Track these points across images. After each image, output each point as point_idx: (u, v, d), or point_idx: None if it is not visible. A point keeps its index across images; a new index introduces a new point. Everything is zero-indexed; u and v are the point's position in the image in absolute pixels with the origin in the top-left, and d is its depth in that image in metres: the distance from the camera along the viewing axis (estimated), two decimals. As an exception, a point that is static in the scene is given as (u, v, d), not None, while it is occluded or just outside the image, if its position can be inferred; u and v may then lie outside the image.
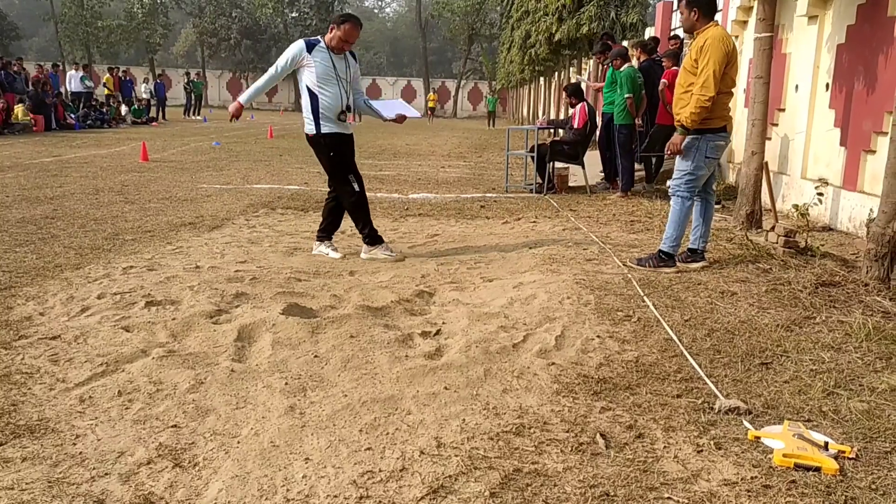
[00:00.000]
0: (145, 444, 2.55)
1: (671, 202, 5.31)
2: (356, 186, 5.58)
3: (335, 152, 5.48)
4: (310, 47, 5.31)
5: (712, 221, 5.48)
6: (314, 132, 5.41)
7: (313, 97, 5.33)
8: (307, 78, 5.32)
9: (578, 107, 9.84)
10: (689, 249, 5.37)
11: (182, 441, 2.59)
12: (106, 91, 26.35)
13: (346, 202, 5.67)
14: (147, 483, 2.31)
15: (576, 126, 9.84)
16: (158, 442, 2.57)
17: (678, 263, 5.29)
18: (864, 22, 7.05)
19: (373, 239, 5.67)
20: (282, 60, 5.35)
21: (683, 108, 5.09)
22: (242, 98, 5.47)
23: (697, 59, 5.02)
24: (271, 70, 5.39)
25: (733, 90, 5.19)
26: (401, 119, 5.71)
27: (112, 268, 5.02)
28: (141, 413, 2.81)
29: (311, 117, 5.38)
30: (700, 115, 4.98)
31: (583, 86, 12.00)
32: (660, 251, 5.29)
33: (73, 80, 24.16)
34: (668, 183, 5.48)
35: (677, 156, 5.21)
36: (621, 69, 9.39)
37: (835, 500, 2.27)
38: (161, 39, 55.53)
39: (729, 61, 4.98)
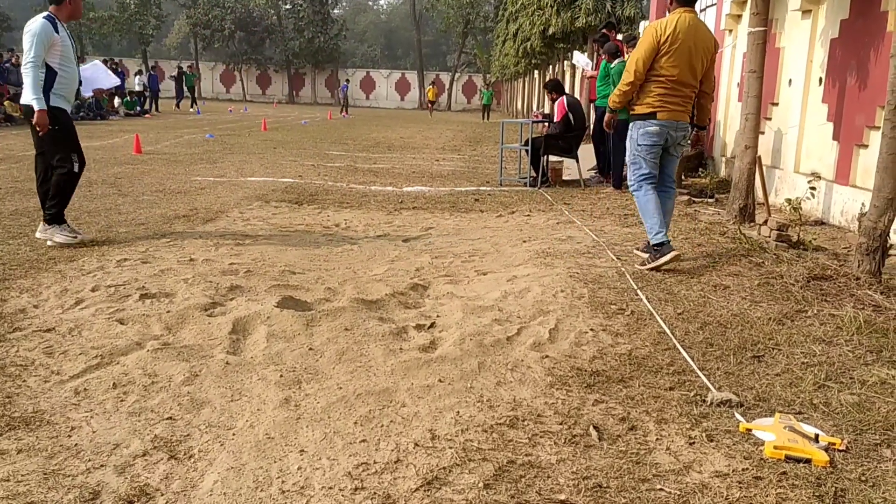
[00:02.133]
0: (140, 436, 2.56)
1: None
2: (76, 167, 5.50)
3: (61, 126, 5.40)
4: (55, 26, 5.27)
5: (670, 215, 5.41)
6: (43, 106, 5.23)
7: (51, 74, 5.30)
8: (51, 57, 5.29)
9: (557, 101, 9.92)
10: (646, 241, 5.36)
11: (177, 433, 2.60)
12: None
13: (57, 176, 5.48)
14: (143, 475, 2.32)
15: (555, 120, 9.92)
16: (154, 434, 2.58)
17: (639, 252, 5.39)
18: (857, 16, 7.07)
19: (55, 218, 5.50)
20: (39, 48, 5.18)
21: None
22: (40, 102, 5.20)
23: None
24: (35, 61, 5.18)
25: (669, 82, 5.00)
26: (98, 93, 5.89)
27: (106, 260, 5.02)
28: (136, 405, 2.82)
29: (39, 93, 5.22)
30: (620, 98, 5.16)
31: (579, 66, 11.86)
32: (650, 244, 5.22)
33: None
34: None
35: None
36: (613, 65, 9.41)
37: (825, 492, 2.29)
38: (154, 31, 55.30)
39: (660, 50, 4.94)
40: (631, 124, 5.23)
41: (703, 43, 5.05)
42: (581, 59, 13.85)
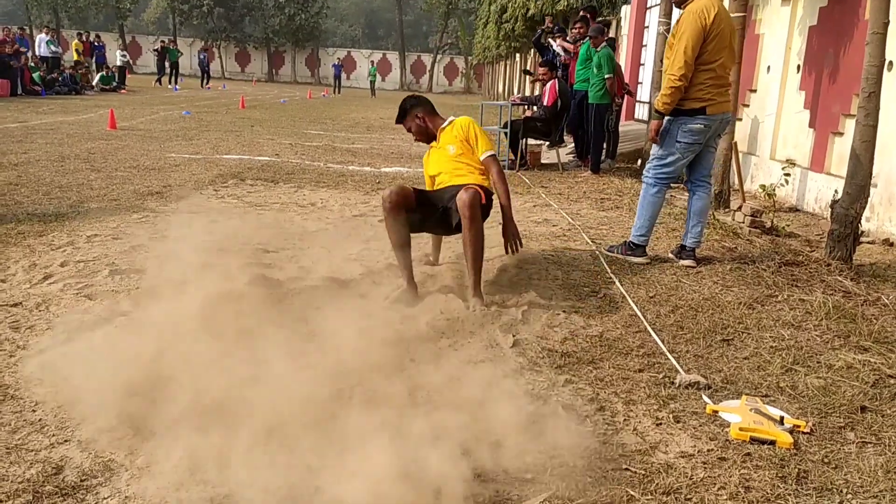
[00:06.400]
0: (106, 413, 2.52)
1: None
2: None
3: None
4: None
5: (705, 216, 4.99)
6: None
7: None
8: None
9: (549, 84, 9.80)
10: (680, 245, 5.01)
11: (143, 409, 2.57)
12: (76, 57, 25.72)
13: None
14: (107, 450, 2.29)
15: (545, 104, 9.82)
16: (119, 410, 2.54)
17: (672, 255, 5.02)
18: (835, 4, 7.10)
19: None
20: None
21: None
22: None
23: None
24: None
25: (716, 68, 4.55)
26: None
27: (76, 236, 4.95)
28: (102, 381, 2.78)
29: None
30: (672, 97, 4.54)
31: (557, 50, 11.72)
32: (629, 241, 4.99)
33: (42, 45, 23.55)
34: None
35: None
36: (599, 48, 9.32)
37: (788, 473, 2.32)
38: (131, 5, 54.30)
39: (708, 36, 4.46)
40: (670, 119, 4.69)
41: (733, 23, 4.74)
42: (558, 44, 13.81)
